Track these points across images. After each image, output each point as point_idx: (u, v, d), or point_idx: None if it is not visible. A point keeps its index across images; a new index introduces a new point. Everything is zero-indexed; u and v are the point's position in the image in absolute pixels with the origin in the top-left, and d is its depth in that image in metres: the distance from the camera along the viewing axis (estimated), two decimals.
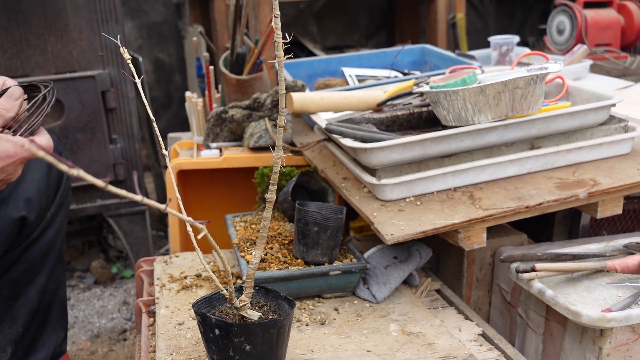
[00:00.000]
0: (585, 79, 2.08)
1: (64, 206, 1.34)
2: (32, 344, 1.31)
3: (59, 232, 1.33)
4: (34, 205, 1.23)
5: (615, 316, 1.03)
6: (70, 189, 1.39)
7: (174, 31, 3.65)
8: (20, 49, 1.93)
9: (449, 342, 1.11)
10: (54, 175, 1.29)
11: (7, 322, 1.26)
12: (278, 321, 0.94)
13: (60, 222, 1.33)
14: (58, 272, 1.35)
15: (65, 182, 1.34)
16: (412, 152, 1.26)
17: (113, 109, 2.06)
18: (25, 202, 1.22)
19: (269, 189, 0.91)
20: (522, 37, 2.82)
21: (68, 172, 0.47)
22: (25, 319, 1.27)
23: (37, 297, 1.29)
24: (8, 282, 1.25)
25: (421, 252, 1.32)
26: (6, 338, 1.26)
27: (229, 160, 1.64)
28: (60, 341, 1.37)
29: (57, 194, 1.31)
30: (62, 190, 1.32)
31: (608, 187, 1.26)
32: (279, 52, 0.82)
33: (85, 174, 0.50)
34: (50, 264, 1.31)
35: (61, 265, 1.36)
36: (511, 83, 1.25)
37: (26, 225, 1.23)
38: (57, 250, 1.33)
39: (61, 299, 1.37)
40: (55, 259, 1.32)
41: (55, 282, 1.34)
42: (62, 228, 1.34)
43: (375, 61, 2.12)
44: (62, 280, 1.38)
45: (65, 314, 1.39)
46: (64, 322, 1.38)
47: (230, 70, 1.76)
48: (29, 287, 1.28)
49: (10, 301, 1.26)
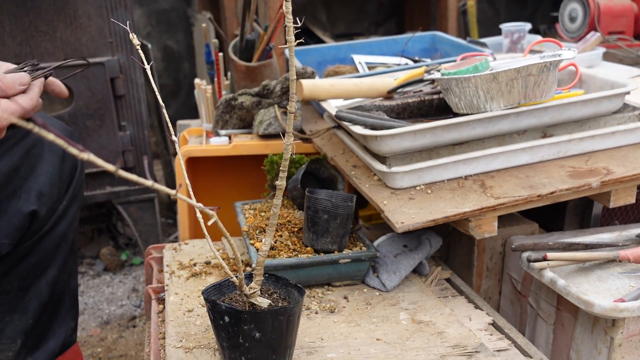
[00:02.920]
0: (598, 67, 2.06)
1: (77, 198, 1.32)
2: (42, 334, 1.30)
3: (72, 224, 1.31)
4: (45, 199, 1.21)
5: (628, 306, 1.02)
6: (84, 181, 1.37)
7: (182, 18, 3.64)
8: (29, 35, 1.93)
9: (459, 331, 1.10)
10: (66, 168, 1.27)
11: (18, 314, 1.24)
12: (288, 309, 0.93)
13: (73, 214, 1.31)
14: (70, 264, 1.33)
15: (79, 175, 1.32)
16: (423, 139, 1.25)
17: (122, 96, 2.06)
18: (37, 195, 1.19)
19: (279, 176, 0.90)
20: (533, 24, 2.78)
21: (78, 156, 0.47)
22: (35, 311, 1.26)
23: (48, 289, 1.27)
24: (19, 274, 1.23)
25: (431, 241, 1.32)
26: (16, 329, 1.24)
27: (238, 148, 1.63)
28: (71, 331, 1.36)
29: (70, 186, 1.29)
30: (75, 183, 1.30)
31: (621, 176, 1.24)
32: (289, 36, 0.81)
33: (95, 158, 0.49)
34: (62, 255, 1.29)
35: (73, 256, 1.35)
36: (524, 70, 1.23)
37: (37, 219, 1.20)
38: (69, 241, 1.31)
39: (72, 289, 1.36)
40: (67, 250, 1.30)
41: (67, 273, 1.33)
42: (74, 220, 1.32)
43: (385, 48, 2.10)
44: (74, 271, 1.37)
45: (76, 304, 1.38)
46: (74, 312, 1.37)
47: (239, 57, 1.75)
48: (39, 279, 1.26)
49: (20, 293, 1.24)
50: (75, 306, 1.38)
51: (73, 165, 1.29)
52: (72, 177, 1.30)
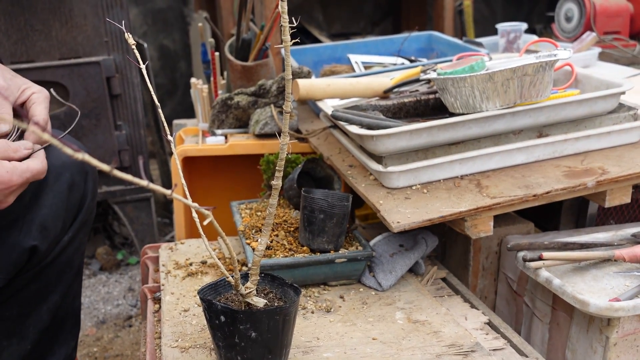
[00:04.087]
0: (594, 67, 2.06)
1: (85, 226, 1.23)
2: (42, 357, 1.24)
3: (78, 250, 1.23)
4: (48, 233, 1.13)
5: (623, 305, 1.02)
6: (95, 208, 1.28)
7: (179, 17, 3.63)
8: (24, 34, 1.93)
9: (455, 331, 1.11)
10: (74, 198, 1.18)
11: (16, 339, 1.17)
12: (284, 308, 0.93)
13: (80, 240, 1.23)
14: (75, 286, 1.26)
15: (89, 203, 1.23)
16: (418, 139, 1.25)
17: (118, 95, 2.06)
18: (39, 229, 1.11)
19: (275, 176, 0.90)
20: (529, 24, 2.79)
21: (73, 156, 0.47)
22: (34, 337, 1.19)
23: (49, 315, 1.20)
24: (19, 302, 1.15)
25: (427, 240, 1.32)
26: (13, 355, 1.17)
27: (234, 147, 1.63)
28: (71, 350, 1.30)
29: (78, 217, 1.20)
30: (83, 213, 1.21)
31: (617, 175, 1.24)
32: (285, 36, 0.81)
33: (90, 158, 0.49)
34: (66, 281, 1.22)
35: (78, 278, 1.27)
36: (520, 70, 1.23)
37: (36, 254, 1.12)
38: (75, 266, 1.23)
39: (75, 309, 1.29)
40: (72, 275, 1.23)
41: (71, 296, 1.25)
42: (81, 245, 1.24)
43: (381, 48, 2.10)
44: (78, 292, 1.29)
45: (78, 323, 1.31)
46: (76, 330, 1.30)
47: (235, 56, 1.75)
48: (40, 305, 1.18)
49: (20, 319, 1.17)
50: (77, 324, 1.32)
51: (82, 194, 1.21)
52: (81, 206, 1.21)
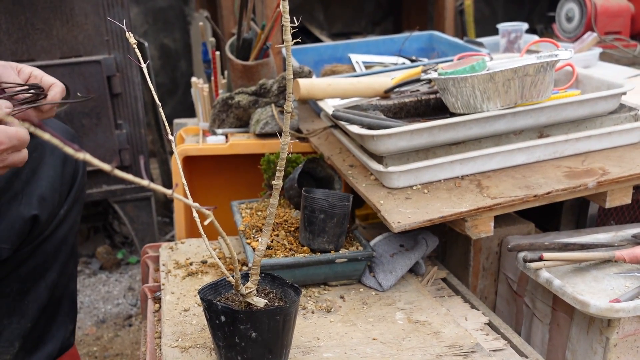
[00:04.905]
0: (595, 67, 2.06)
1: (78, 202, 1.31)
2: (40, 337, 1.29)
3: (72, 228, 1.30)
4: (46, 204, 1.20)
5: (624, 306, 1.02)
6: (86, 184, 1.36)
7: (179, 16, 3.63)
8: (25, 33, 1.92)
9: (455, 331, 1.11)
10: (68, 171, 1.26)
11: (16, 317, 1.23)
12: (284, 308, 0.93)
13: (74, 218, 1.30)
14: (70, 267, 1.32)
15: (81, 178, 1.31)
16: (419, 139, 1.25)
17: (119, 94, 2.06)
18: (38, 200, 1.18)
19: (276, 176, 0.90)
20: (530, 24, 2.79)
21: (74, 156, 0.46)
22: (34, 314, 1.25)
23: (47, 293, 1.27)
24: (18, 278, 1.22)
25: (427, 241, 1.32)
26: (14, 333, 1.23)
27: (234, 147, 1.63)
28: (69, 334, 1.35)
29: (72, 190, 1.27)
30: (76, 187, 1.29)
31: (617, 176, 1.24)
32: (286, 36, 0.81)
33: (91, 158, 0.49)
34: (62, 259, 1.28)
35: (73, 260, 1.34)
36: (521, 70, 1.23)
37: (38, 223, 1.19)
38: (70, 245, 1.30)
39: (71, 292, 1.35)
40: (67, 254, 1.29)
41: (66, 276, 1.32)
42: (75, 224, 1.31)
43: (382, 48, 2.10)
44: (74, 274, 1.36)
45: (74, 307, 1.37)
46: (73, 315, 1.36)
47: (236, 55, 1.75)
48: (39, 282, 1.25)
49: (19, 296, 1.23)
50: (74, 309, 1.37)
51: (74, 169, 1.28)
52: (74, 181, 1.28)
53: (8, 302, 1.22)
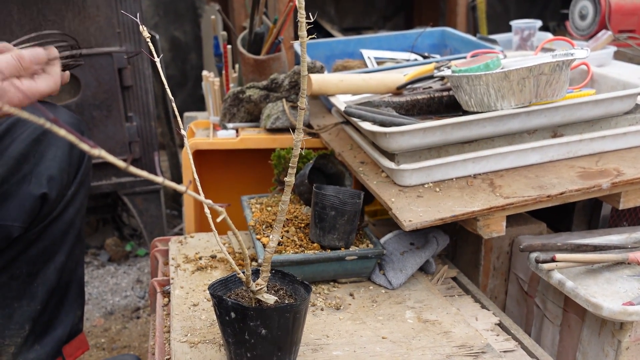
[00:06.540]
0: (609, 66, 2.04)
1: (84, 184, 1.33)
2: (50, 321, 1.31)
3: (79, 211, 1.32)
4: (55, 183, 1.23)
5: (637, 310, 1.01)
6: (91, 167, 1.39)
7: (190, 9, 3.62)
8: (37, 25, 1.92)
9: (466, 331, 1.10)
10: (75, 153, 1.28)
11: (26, 299, 1.26)
12: (294, 306, 0.93)
13: (81, 200, 1.32)
14: (77, 251, 1.34)
15: (87, 161, 1.33)
16: (432, 137, 1.24)
17: (129, 87, 2.05)
18: (47, 179, 1.21)
19: (288, 173, 0.90)
20: (543, 21, 2.76)
21: (89, 152, 0.46)
22: (43, 297, 1.27)
23: (56, 275, 1.29)
24: (27, 260, 1.25)
25: (438, 239, 1.31)
26: (24, 315, 1.26)
27: (245, 141, 1.63)
28: (77, 320, 1.37)
29: (79, 172, 1.30)
30: (83, 169, 1.31)
31: (632, 177, 1.23)
32: (302, 32, 0.80)
33: (106, 154, 0.49)
34: (69, 242, 1.30)
35: (80, 244, 1.36)
36: (536, 69, 1.22)
37: (47, 202, 1.22)
38: (77, 228, 1.32)
39: (79, 277, 1.37)
40: (74, 237, 1.32)
41: (74, 260, 1.34)
42: (82, 207, 1.33)
43: (394, 43, 2.08)
44: (81, 259, 1.38)
45: (82, 293, 1.39)
46: (81, 300, 1.38)
47: (248, 49, 1.74)
48: (48, 265, 1.27)
49: (29, 279, 1.25)
50: (82, 295, 1.39)
51: (81, 151, 1.30)
52: (81, 162, 1.31)
53: (18, 285, 1.25)
